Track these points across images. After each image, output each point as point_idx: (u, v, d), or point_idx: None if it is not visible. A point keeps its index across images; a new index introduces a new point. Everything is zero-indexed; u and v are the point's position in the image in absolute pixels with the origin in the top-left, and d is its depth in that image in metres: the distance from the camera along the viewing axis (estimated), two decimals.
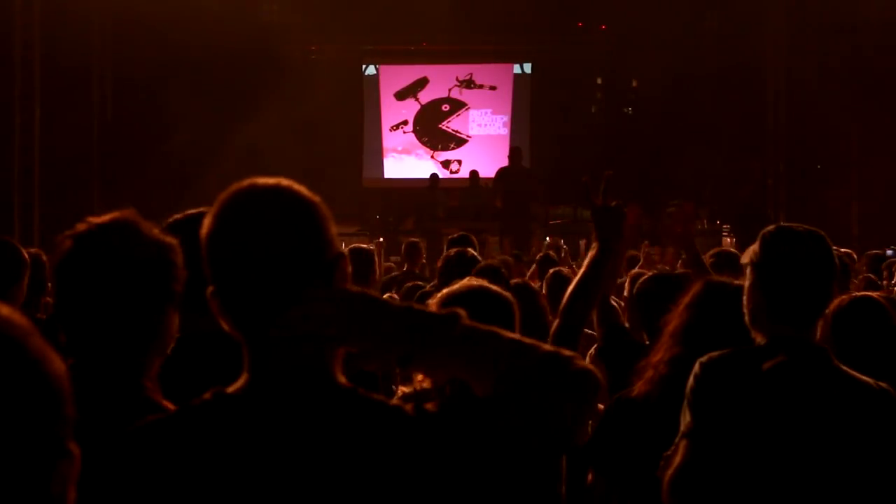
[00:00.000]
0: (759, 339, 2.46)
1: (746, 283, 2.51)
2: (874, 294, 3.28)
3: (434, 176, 15.65)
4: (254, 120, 15.53)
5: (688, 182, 15.53)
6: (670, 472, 2.45)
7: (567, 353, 1.43)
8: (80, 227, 1.87)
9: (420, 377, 3.03)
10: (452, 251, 4.59)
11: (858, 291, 3.37)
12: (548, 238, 14.23)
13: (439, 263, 4.77)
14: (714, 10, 16.49)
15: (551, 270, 5.81)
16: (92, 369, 1.82)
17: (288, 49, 16.50)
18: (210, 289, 1.45)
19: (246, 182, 1.46)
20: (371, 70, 18.40)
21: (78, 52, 13.84)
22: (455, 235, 5.50)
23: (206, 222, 1.45)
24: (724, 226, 14.87)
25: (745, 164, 15.43)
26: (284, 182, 1.46)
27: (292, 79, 16.29)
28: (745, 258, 2.51)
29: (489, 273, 4.43)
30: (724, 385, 2.39)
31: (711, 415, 2.39)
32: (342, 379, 1.46)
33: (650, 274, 4.14)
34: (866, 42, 12.76)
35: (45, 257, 4.22)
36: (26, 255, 3.67)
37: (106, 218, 1.87)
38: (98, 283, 1.82)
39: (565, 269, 7.01)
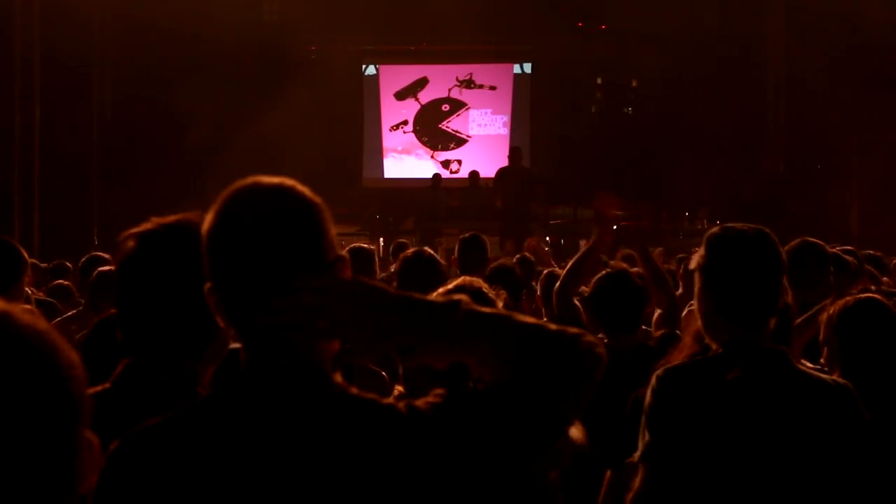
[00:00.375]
0: (714, 345, 2.39)
1: (696, 289, 2.45)
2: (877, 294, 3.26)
3: (437, 176, 15.65)
4: (254, 120, 15.54)
5: (688, 182, 15.54)
6: (630, 496, 2.39)
7: (573, 330, 1.41)
8: (145, 226, 1.84)
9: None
10: (410, 251, 4.57)
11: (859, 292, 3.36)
12: (548, 238, 14.25)
13: (397, 265, 4.73)
14: (714, 11, 16.50)
15: (545, 271, 5.77)
16: (147, 370, 1.82)
17: (288, 49, 16.51)
18: (208, 285, 1.45)
19: (249, 180, 1.46)
20: (371, 70, 18.40)
21: (78, 52, 13.84)
22: (467, 235, 5.49)
23: (208, 218, 1.45)
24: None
25: (746, 164, 15.44)
26: (288, 182, 1.46)
27: (292, 79, 16.29)
28: (693, 264, 2.45)
29: (502, 273, 4.44)
30: (681, 399, 2.33)
31: (671, 432, 2.33)
32: (337, 377, 1.45)
33: (605, 272, 4.15)
34: (867, 42, 12.77)
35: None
36: (26, 255, 3.68)
37: (170, 219, 1.85)
38: (159, 283, 1.81)
39: (556, 270, 7.00)
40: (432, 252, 4.48)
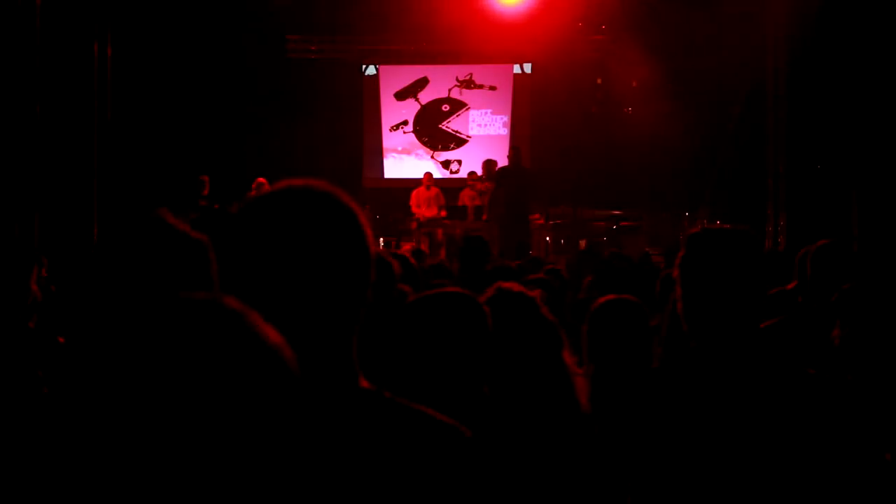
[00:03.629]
0: (694, 343, 2.33)
1: (677, 288, 2.40)
2: None
3: (428, 175, 15.69)
4: (253, 119, 15.54)
5: (687, 182, 15.55)
6: None
7: None
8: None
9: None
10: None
11: None
12: (548, 238, 14.25)
13: None
14: (714, 10, 16.49)
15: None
16: None
17: (288, 48, 16.50)
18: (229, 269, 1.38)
19: (301, 182, 1.41)
20: (371, 70, 18.41)
21: (78, 50, 13.84)
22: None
23: (239, 209, 1.39)
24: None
25: (746, 164, 15.43)
26: (328, 187, 1.42)
27: (292, 78, 16.29)
28: (675, 269, 2.40)
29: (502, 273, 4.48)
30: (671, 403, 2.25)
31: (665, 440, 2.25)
32: (363, 381, 1.37)
33: None
34: (867, 40, 12.75)
35: None
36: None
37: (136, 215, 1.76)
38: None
39: None
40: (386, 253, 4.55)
